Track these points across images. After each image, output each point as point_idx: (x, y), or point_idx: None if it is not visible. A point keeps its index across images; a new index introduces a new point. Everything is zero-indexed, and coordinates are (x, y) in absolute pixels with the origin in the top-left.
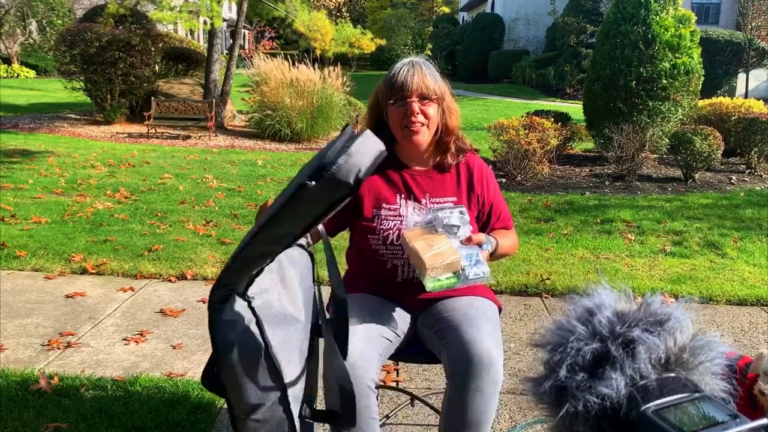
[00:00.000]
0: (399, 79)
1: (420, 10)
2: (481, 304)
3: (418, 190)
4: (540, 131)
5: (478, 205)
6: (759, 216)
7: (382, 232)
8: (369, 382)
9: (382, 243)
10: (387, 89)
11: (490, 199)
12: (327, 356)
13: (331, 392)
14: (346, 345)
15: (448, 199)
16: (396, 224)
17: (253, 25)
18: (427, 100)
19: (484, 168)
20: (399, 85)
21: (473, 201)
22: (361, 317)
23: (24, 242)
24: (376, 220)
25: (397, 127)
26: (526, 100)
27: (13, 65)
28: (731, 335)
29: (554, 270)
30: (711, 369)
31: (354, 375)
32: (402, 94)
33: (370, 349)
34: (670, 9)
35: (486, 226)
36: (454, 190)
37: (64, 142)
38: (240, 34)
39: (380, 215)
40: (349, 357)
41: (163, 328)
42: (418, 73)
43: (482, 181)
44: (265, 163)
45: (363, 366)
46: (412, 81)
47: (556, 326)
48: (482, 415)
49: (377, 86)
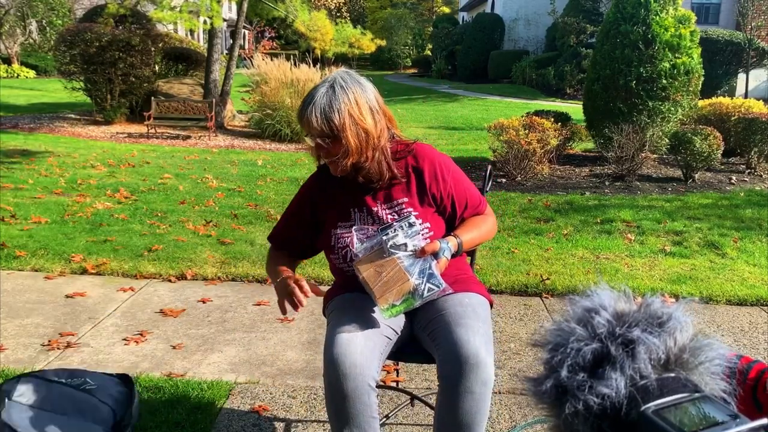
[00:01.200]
0: (303, 117)
1: (420, 10)
2: (471, 300)
3: (371, 199)
4: (540, 131)
5: (436, 201)
6: (759, 216)
7: (340, 250)
8: (370, 380)
9: (343, 260)
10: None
11: (449, 191)
12: (326, 353)
13: (331, 389)
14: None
15: (399, 201)
16: (350, 239)
17: (253, 25)
18: (328, 138)
19: (436, 160)
20: (305, 123)
21: (427, 199)
22: (359, 315)
23: (24, 242)
24: (333, 239)
25: None
26: (526, 100)
27: (13, 65)
28: (731, 335)
29: (554, 270)
30: (711, 369)
31: (355, 373)
32: (309, 131)
33: (371, 347)
34: (670, 9)
35: (453, 218)
36: (404, 193)
37: (64, 142)
38: (240, 34)
39: (336, 234)
40: (350, 355)
41: (163, 328)
42: (317, 110)
43: (435, 175)
44: (265, 163)
45: (364, 364)
46: (310, 121)
47: (556, 326)
48: (474, 416)
49: None
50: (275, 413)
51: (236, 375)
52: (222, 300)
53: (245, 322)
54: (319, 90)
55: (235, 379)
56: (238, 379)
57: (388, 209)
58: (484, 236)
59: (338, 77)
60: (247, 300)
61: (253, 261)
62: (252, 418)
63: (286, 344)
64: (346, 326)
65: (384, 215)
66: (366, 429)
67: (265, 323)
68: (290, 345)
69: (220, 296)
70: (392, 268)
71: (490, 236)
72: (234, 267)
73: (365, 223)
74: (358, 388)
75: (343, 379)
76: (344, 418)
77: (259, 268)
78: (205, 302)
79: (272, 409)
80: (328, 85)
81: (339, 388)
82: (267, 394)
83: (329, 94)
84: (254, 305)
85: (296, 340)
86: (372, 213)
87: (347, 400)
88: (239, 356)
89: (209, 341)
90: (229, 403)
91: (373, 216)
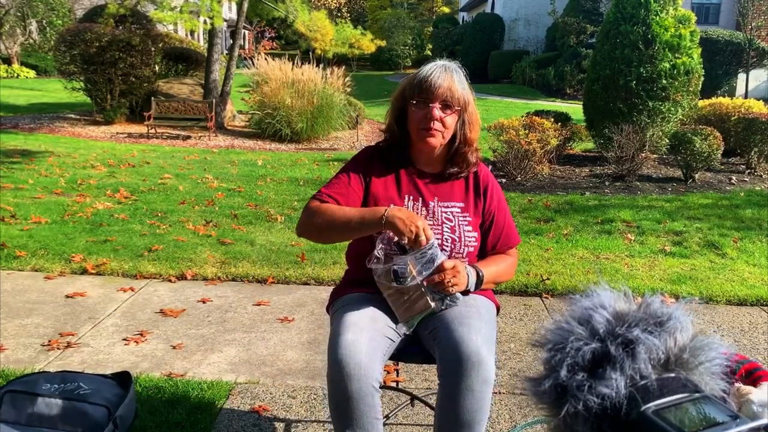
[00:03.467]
0: (427, 81)
1: (420, 10)
2: (477, 302)
3: (428, 192)
4: (540, 131)
5: (482, 214)
6: (759, 216)
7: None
8: (374, 381)
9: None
10: (413, 88)
11: (492, 210)
12: (331, 354)
13: (335, 390)
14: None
15: (456, 204)
16: None
17: (253, 26)
18: (448, 108)
19: (491, 178)
20: (426, 87)
21: (479, 208)
22: (364, 316)
23: (24, 242)
24: None
25: (414, 127)
26: (526, 100)
27: (13, 65)
28: (731, 335)
29: (554, 270)
30: (711, 369)
31: (359, 374)
32: (426, 97)
33: (375, 348)
34: (670, 9)
35: (486, 237)
36: (462, 196)
37: (64, 142)
38: (240, 34)
39: None
40: (354, 356)
41: (163, 328)
42: (447, 79)
43: (489, 190)
44: (265, 163)
45: (368, 365)
46: (438, 86)
47: (556, 326)
48: (474, 415)
49: (404, 80)
50: (275, 413)
51: (236, 375)
52: (222, 300)
53: (245, 322)
54: (439, 64)
55: (235, 379)
56: (238, 379)
57: (443, 208)
58: (502, 275)
59: (449, 64)
60: (247, 300)
61: (253, 261)
62: (252, 418)
63: (286, 344)
64: (351, 327)
65: (439, 213)
66: (369, 430)
67: (265, 323)
68: (290, 345)
69: (220, 296)
70: (415, 291)
71: (509, 276)
72: (234, 267)
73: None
74: (363, 389)
75: (348, 380)
76: (348, 419)
77: (259, 268)
78: (205, 302)
79: (272, 409)
80: (444, 63)
81: (343, 389)
82: (267, 394)
83: (453, 69)
84: (254, 305)
85: (296, 340)
86: (427, 206)
87: (351, 400)
88: (239, 356)
89: (209, 341)
90: (229, 403)
91: (427, 209)
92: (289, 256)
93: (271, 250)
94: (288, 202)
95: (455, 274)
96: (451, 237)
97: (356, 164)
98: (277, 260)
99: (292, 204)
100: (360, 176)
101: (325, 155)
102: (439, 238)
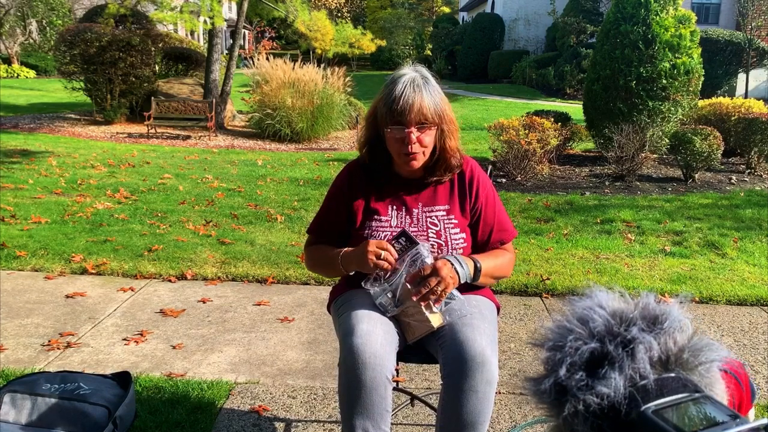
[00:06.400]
0: (398, 105)
1: (420, 10)
2: (479, 302)
3: (411, 199)
4: (540, 131)
5: (471, 213)
6: (759, 216)
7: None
8: (388, 373)
9: (372, 282)
10: (386, 113)
11: (479, 205)
12: (346, 342)
13: (349, 378)
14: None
15: (440, 208)
16: (386, 235)
17: (253, 26)
18: (425, 127)
19: (477, 172)
20: (398, 112)
21: (466, 207)
22: (374, 310)
23: (24, 242)
24: (367, 231)
25: (395, 152)
26: (526, 100)
27: (13, 65)
28: (731, 335)
29: (554, 270)
30: (711, 369)
31: (375, 363)
32: (400, 120)
33: (389, 342)
34: (670, 9)
35: (476, 232)
36: (446, 199)
37: (64, 142)
38: (240, 34)
39: (371, 226)
40: (371, 345)
41: (163, 328)
42: (418, 98)
43: (475, 184)
44: (265, 163)
45: (384, 356)
46: (410, 109)
47: (555, 326)
48: (477, 415)
49: (376, 103)
50: (275, 413)
51: (236, 375)
52: (222, 300)
53: (245, 322)
54: (407, 80)
55: (235, 379)
56: (238, 379)
57: (427, 213)
58: (500, 269)
59: (415, 73)
60: (247, 300)
61: (253, 261)
62: (252, 418)
63: (286, 344)
64: (365, 318)
65: (423, 219)
66: (379, 421)
67: (265, 323)
68: (290, 345)
69: (220, 296)
70: (415, 307)
71: (507, 272)
72: (234, 267)
73: (402, 222)
74: (377, 378)
75: (363, 369)
76: (359, 409)
77: (259, 268)
78: (205, 302)
79: (272, 409)
80: (412, 77)
81: (357, 377)
82: (267, 394)
83: (422, 84)
84: (254, 305)
85: (296, 340)
86: (411, 213)
87: (365, 389)
88: (239, 356)
89: (209, 341)
90: (229, 403)
91: (411, 216)
92: (289, 256)
93: (271, 250)
94: (288, 202)
95: (438, 281)
96: (437, 242)
97: (335, 188)
98: (277, 260)
99: (292, 204)
100: (340, 200)
101: (326, 155)
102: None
